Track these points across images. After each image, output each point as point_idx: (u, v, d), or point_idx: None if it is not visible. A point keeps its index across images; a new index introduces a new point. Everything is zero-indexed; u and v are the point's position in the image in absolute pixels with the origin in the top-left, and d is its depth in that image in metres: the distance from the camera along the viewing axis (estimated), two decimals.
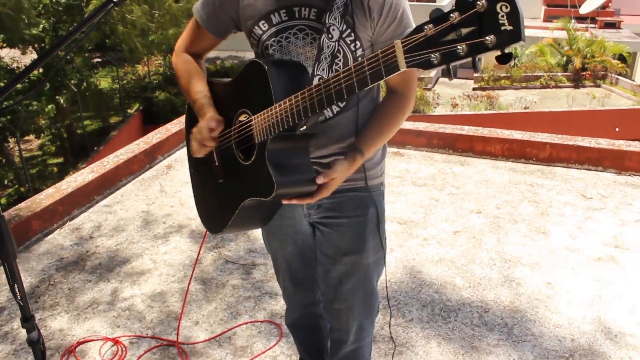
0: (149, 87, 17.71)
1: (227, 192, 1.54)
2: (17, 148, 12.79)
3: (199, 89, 1.55)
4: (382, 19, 1.41)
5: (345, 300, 1.74)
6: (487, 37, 0.92)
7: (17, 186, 12.26)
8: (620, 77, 17.73)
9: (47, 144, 15.13)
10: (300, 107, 1.26)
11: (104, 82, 18.08)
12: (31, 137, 14.63)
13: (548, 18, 26.06)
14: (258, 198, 1.40)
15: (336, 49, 1.41)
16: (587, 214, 3.74)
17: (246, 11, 1.48)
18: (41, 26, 12.51)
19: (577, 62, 17.58)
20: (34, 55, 14.47)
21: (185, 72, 1.60)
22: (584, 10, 23.63)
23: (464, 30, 0.95)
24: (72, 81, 13.83)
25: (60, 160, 14.64)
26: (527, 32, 23.75)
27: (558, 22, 20.30)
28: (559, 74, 18.00)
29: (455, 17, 0.96)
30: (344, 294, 1.72)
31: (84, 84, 14.64)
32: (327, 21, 1.39)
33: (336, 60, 1.44)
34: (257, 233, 3.50)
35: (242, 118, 1.45)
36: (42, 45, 13.59)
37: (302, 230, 1.73)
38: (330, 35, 1.40)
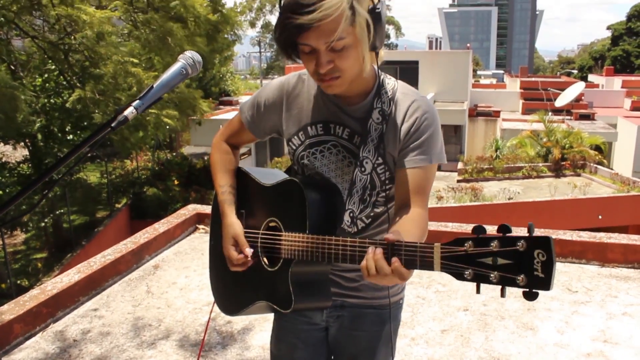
0: (137, 182, 17.84)
1: (244, 284, 1.61)
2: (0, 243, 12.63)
3: (222, 183, 1.64)
4: (406, 137, 1.46)
5: None
6: (519, 277, 1.02)
7: None
8: (599, 166, 18.22)
9: (33, 240, 14.98)
10: (333, 252, 1.32)
11: (93, 177, 18.21)
12: (17, 231, 14.51)
13: (526, 111, 27.09)
14: (273, 305, 1.48)
15: (368, 181, 1.48)
16: (573, 308, 3.76)
17: (289, 122, 1.58)
18: (37, 125, 12.77)
19: (556, 153, 18.12)
20: (25, 151, 14.64)
21: (219, 161, 1.69)
22: (559, 103, 24.74)
23: (500, 260, 1.04)
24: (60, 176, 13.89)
25: (44, 254, 14.43)
26: (508, 125, 24.69)
27: (535, 115, 21.12)
28: (540, 164, 18.47)
29: (495, 245, 1.05)
30: None
31: (72, 178, 14.74)
32: (361, 154, 1.46)
33: (367, 191, 1.50)
34: (251, 340, 3.46)
35: (272, 225, 1.52)
36: (34, 140, 13.79)
37: (315, 335, 1.74)
38: (363, 169, 1.46)
